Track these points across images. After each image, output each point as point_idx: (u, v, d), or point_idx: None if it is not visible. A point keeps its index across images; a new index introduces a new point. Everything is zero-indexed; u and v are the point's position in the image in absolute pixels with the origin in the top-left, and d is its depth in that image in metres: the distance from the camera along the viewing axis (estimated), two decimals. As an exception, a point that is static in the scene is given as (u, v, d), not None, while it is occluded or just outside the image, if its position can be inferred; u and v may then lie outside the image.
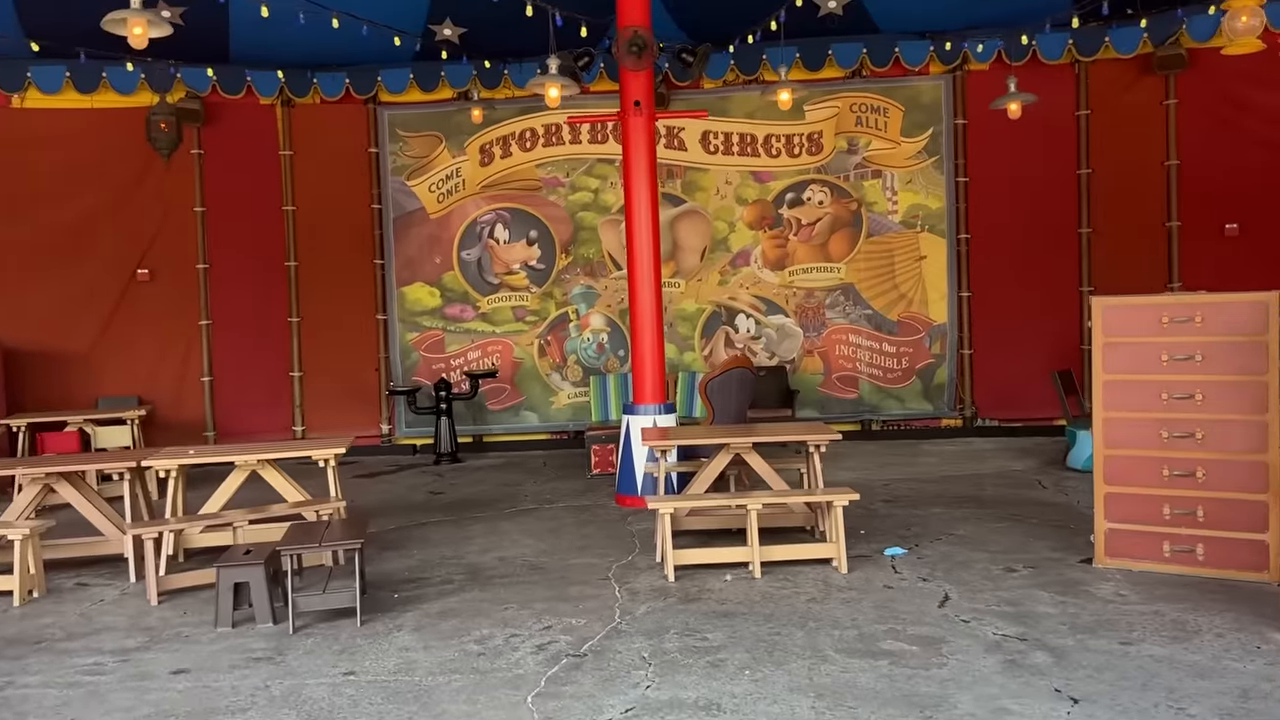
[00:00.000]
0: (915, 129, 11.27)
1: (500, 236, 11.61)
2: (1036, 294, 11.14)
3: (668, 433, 7.04)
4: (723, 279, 11.48)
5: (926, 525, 7.25)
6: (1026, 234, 11.13)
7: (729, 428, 7.33)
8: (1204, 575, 5.68)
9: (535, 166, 11.55)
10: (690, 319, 11.51)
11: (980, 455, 10.19)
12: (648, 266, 8.27)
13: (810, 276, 11.42)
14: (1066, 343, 11.13)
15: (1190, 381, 5.70)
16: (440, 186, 11.60)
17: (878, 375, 11.39)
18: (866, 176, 11.36)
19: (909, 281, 11.35)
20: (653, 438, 6.75)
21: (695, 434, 6.90)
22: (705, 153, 11.41)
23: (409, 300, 11.68)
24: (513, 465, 10.70)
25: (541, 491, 9.13)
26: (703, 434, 6.84)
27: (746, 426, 7.65)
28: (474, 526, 7.82)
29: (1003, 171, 11.12)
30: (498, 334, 11.64)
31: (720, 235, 11.47)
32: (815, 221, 11.40)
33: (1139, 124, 10.81)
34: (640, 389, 8.34)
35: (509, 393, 11.62)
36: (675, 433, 6.99)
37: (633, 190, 8.28)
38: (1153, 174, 10.80)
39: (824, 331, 11.42)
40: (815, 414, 11.36)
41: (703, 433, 6.90)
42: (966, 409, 11.33)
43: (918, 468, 9.64)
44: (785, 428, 6.92)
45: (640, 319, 8.32)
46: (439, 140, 11.59)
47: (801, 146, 11.36)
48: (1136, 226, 10.86)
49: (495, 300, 11.63)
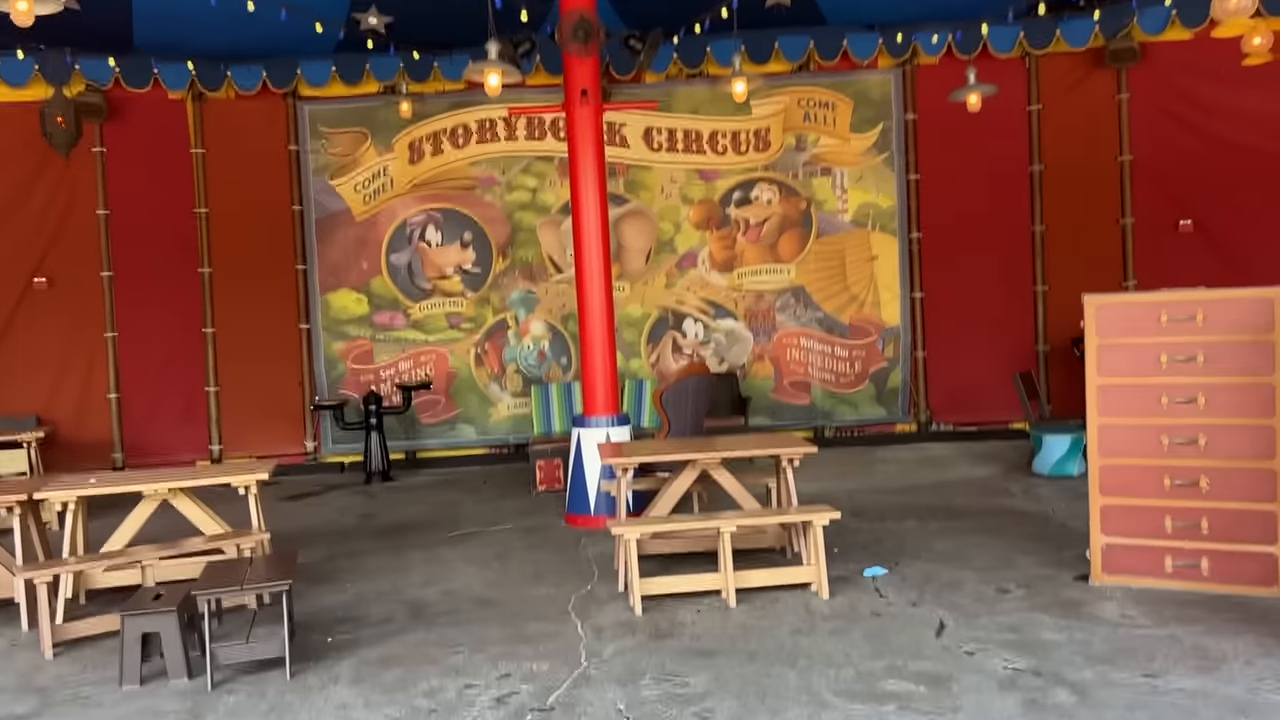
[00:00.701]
0: (865, 125, 10.90)
1: (432, 239, 10.93)
2: (990, 294, 10.85)
3: (624, 449, 6.47)
4: (669, 282, 10.97)
5: (901, 541, 6.80)
6: (979, 232, 10.83)
7: (690, 441, 6.80)
8: (1210, 592, 5.31)
9: (469, 164, 10.90)
10: (636, 324, 10.96)
11: (940, 462, 9.83)
12: (598, 268, 7.71)
13: (759, 278, 10.97)
14: (1021, 343, 10.86)
15: (1191, 384, 5.33)
16: (366, 186, 10.88)
17: (830, 380, 10.98)
18: (815, 174, 10.96)
19: (860, 283, 10.97)
20: (610, 455, 6.19)
21: (657, 449, 6.35)
22: (649, 150, 10.88)
23: (334, 308, 10.92)
24: (450, 483, 10.03)
25: (484, 512, 8.49)
26: (666, 449, 6.30)
27: (707, 439, 7.13)
28: (413, 554, 7.15)
29: (954, 168, 10.82)
30: (431, 343, 10.95)
31: (666, 236, 10.96)
32: (764, 221, 10.96)
33: (1091, 119, 10.59)
34: (591, 400, 7.77)
35: (444, 405, 10.94)
36: (635, 449, 6.43)
37: (580, 186, 7.70)
38: (1106, 170, 10.59)
39: (774, 335, 10.98)
40: (767, 421, 10.91)
41: (666, 448, 6.36)
42: (921, 414, 10.98)
43: (878, 477, 9.23)
44: (754, 440, 6.43)
45: (590, 325, 7.75)
46: (364, 137, 10.87)
47: (748, 143, 10.90)
48: (1090, 223, 10.63)
49: (428, 307, 10.94)
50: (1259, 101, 9.94)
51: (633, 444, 6.85)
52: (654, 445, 6.54)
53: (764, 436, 6.71)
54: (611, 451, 6.32)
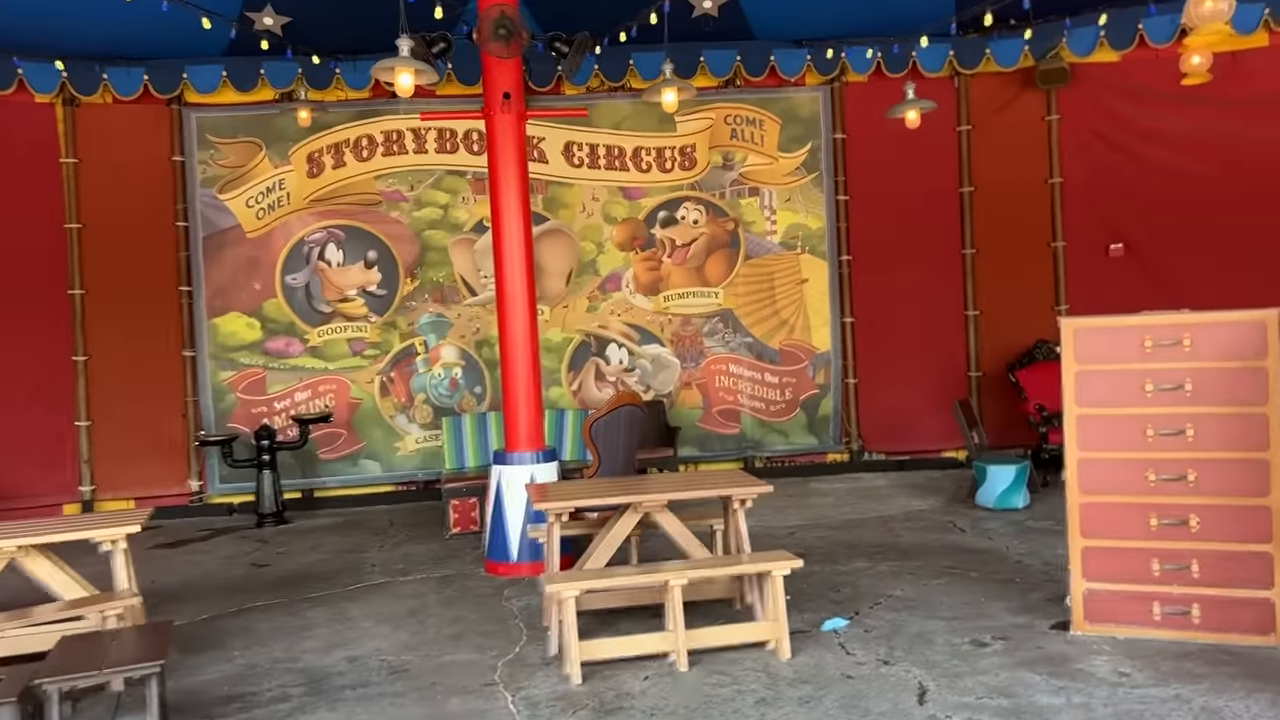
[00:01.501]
0: (793, 143, 10.48)
1: (333, 258, 10.08)
2: (920, 318, 10.51)
3: (554, 491, 5.78)
4: (591, 305, 10.32)
5: (856, 585, 6.25)
6: (909, 255, 10.49)
7: (628, 481, 6.15)
8: (1203, 641, 4.87)
9: (374, 178, 10.10)
10: (556, 350, 10.28)
11: (877, 494, 9.37)
12: (520, 289, 7.02)
13: (686, 302, 10.42)
14: (953, 370, 10.53)
15: (1179, 414, 4.92)
16: (260, 201, 9.98)
17: (760, 408, 10.46)
18: (743, 194, 10.48)
19: (790, 307, 10.51)
20: (541, 499, 5.49)
21: (593, 491, 5.68)
22: (569, 166, 10.25)
23: (222, 333, 9.96)
24: (352, 524, 9.15)
25: (392, 559, 7.67)
26: (603, 491, 5.63)
27: (644, 479, 6.49)
28: (312, 612, 6.31)
29: (884, 189, 10.46)
30: (331, 371, 10.07)
31: (588, 257, 10.32)
32: (690, 242, 10.42)
33: (1021, 140, 10.36)
34: (513, 434, 7.05)
35: (346, 438, 10.05)
36: (567, 491, 5.74)
37: (501, 199, 7.02)
38: (1036, 192, 10.36)
39: (702, 362, 10.43)
40: (696, 452, 10.32)
41: (602, 489, 5.69)
42: (853, 442, 10.54)
43: (816, 510, 8.71)
44: (700, 479, 5.81)
45: (513, 351, 7.04)
46: (258, 148, 9.98)
47: (674, 161, 10.37)
48: (1021, 247, 10.38)
49: (327, 332, 10.07)
50: (1189, 124, 9.83)
51: (563, 485, 6.16)
52: (588, 486, 5.86)
53: (710, 474, 6.11)
54: (541, 494, 5.62)
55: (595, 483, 5.97)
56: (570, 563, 6.82)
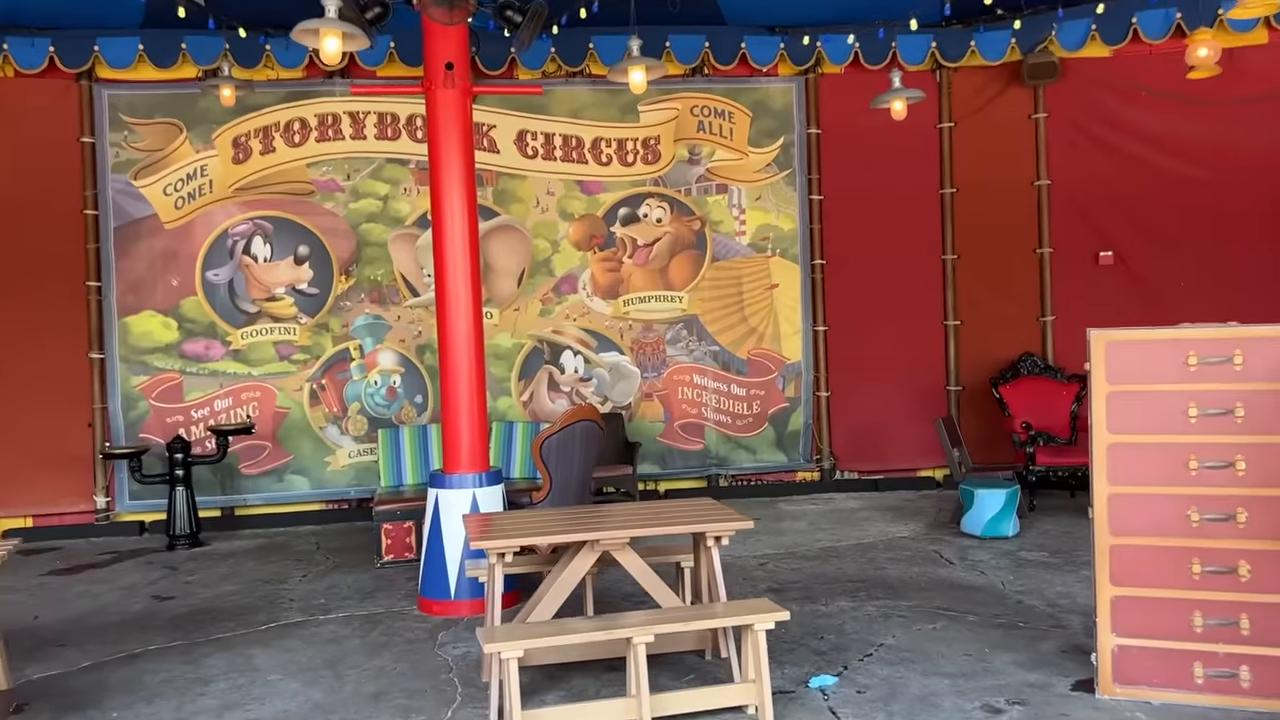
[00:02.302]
0: (764, 138, 9.75)
1: (259, 253, 9.15)
2: (897, 328, 9.82)
3: (497, 525, 4.96)
4: (545, 308, 9.50)
5: (841, 630, 5.50)
6: (886, 260, 9.79)
7: (582, 514, 5.34)
8: (1254, 709, 4.18)
9: (306, 166, 9.19)
10: (506, 357, 9.44)
11: (852, 517, 8.65)
12: (463, 288, 6.19)
13: (648, 306, 9.63)
14: (931, 382, 9.85)
15: (1228, 444, 4.22)
16: (180, 188, 9.03)
17: (726, 422, 9.70)
18: (710, 191, 9.72)
19: (759, 313, 9.76)
20: (480, 534, 4.66)
21: (542, 525, 4.86)
22: (522, 156, 9.42)
23: (135, 334, 9.00)
24: (274, 548, 8.24)
25: (314, 592, 6.78)
26: (553, 524, 4.81)
27: (602, 509, 5.69)
28: (214, 659, 5.42)
29: (860, 189, 9.76)
30: (255, 377, 9.13)
31: (541, 256, 9.50)
32: (653, 242, 9.64)
33: (1006, 139, 9.72)
34: (453, 452, 6.21)
35: (271, 451, 9.12)
36: (513, 524, 4.92)
37: (442, 187, 6.18)
38: (1022, 195, 9.72)
39: (665, 371, 9.64)
40: (657, 469, 9.54)
41: (552, 522, 4.87)
42: (825, 460, 9.82)
43: (789, 536, 7.96)
44: (669, 511, 5.02)
45: (454, 358, 6.21)
46: (178, 130, 9.04)
47: (636, 153, 9.58)
48: (1005, 253, 9.74)
49: (252, 334, 9.14)
50: (1183, 124, 9.26)
51: (507, 517, 5.33)
52: (537, 519, 5.05)
53: (679, 505, 5.31)
54: (481, 529, 4.79)
55: (545, 514, 5.16)
56: (517, 599, 6.00)
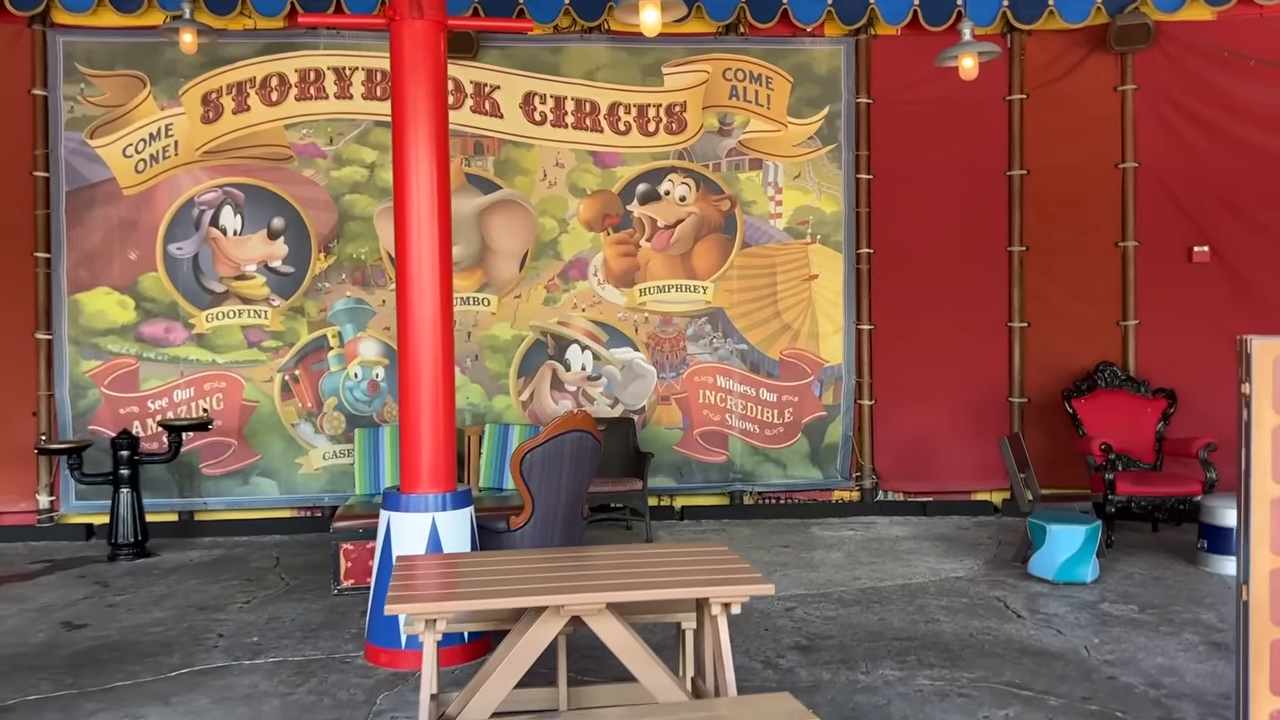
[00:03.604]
0: (806, 107, 8.52)
1: (229, 225, 8.10)
2: (954, 329, 8.57)
3: (417, 579, 3.80)
4: (550, 296, 8.36)
5: (886, 715, 4.30)
6: (943, 251, 8.56)
7: (558, 560, 4.19)
8: None
9: (284, 128, 8.12)
10: (504, 350, 8.31)
11: (897, 548, 7.43)
12: (429, 268, 5.05)
13: (668, 297, 8.45)
14: (990, 393, 8.59)
15: None
16: (141, 150, 8.00)
17: (753, 432, 8.50)
18: (743, 167, 8.52)
19: (795, 308, 8.55)
20: (400, 590, 3.52)
21: (492, 578, 3.71)
22: (528, 122, 8.28)
23: (88, 313, 7.98)
24: (229, 563, 7.18)
25: (251, 625, 5.69)
26: (508, 576, 3.66)
27: (575, 554, 4.53)
28: (99, 718, 4.33)
29: (915, 168, 8.53)
30: (220, 365, 8.09)
31: (547, 236, 8.36)
32: (675, 224, 8.46)
33: (1087, 114, 8.42)
34: (412, 466, 5.08)
35: (236, 450, 8.07)
36: (449, 577, 3.77)
37: (407, 142, 5.05)
38: (1103, 179, 8.42)
39: (684, 372, 8.46)
40: (670, 483, 8.38)
41: (510, 577, 3.72)
42: (865, 478, 8.59)
43: (822, 570, 6.77)
44: (668, 560, 3.84)
45: (415, 352, 5.08)
46: (141, 84, 8.00)
47: (658, 121, 8.40)
48: (1082, 245, 8.45)
49: (218, 316, 8.09)
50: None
51: (447, 565, 4.18)
52: (488, 568, 3.89)
53: (683, 554, 4.15)
54: (404, 584, 3.64)
55: (503, 561, 4.00)
56: (485, 648, 4.87)
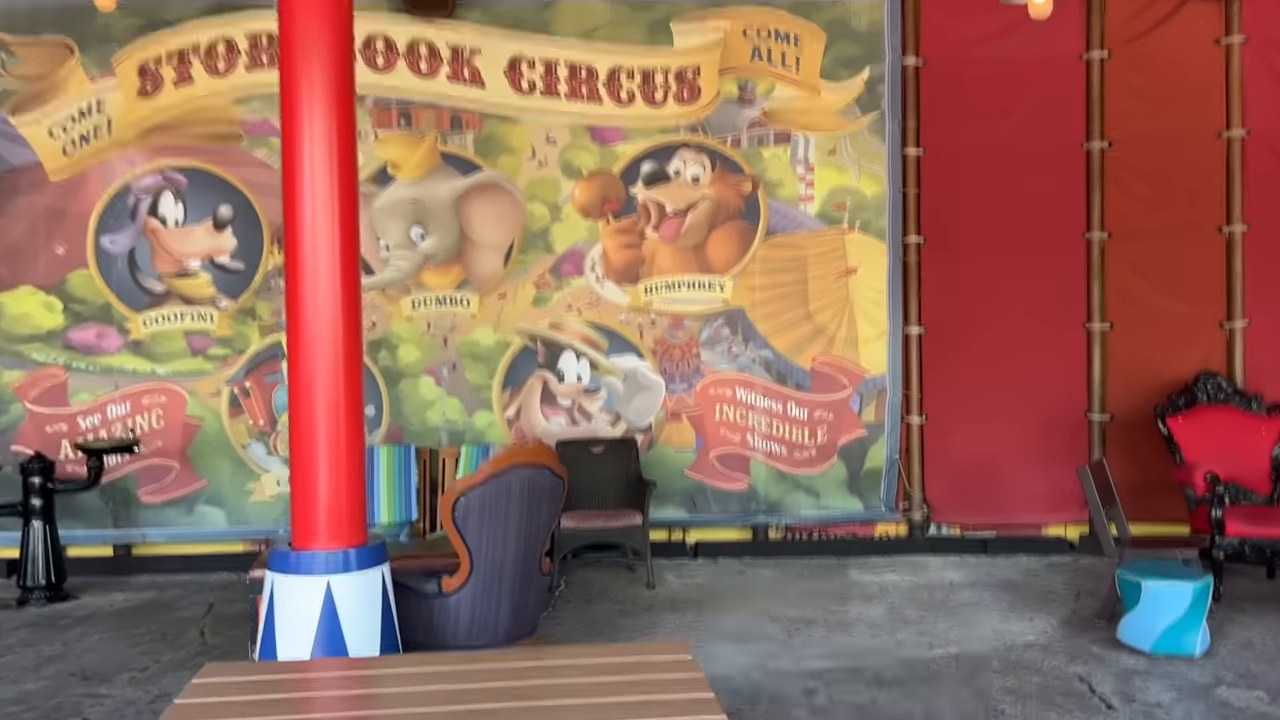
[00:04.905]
0: (843, 70, 7.22)
1: (169, 214, 7.04)
2: (1020, 332, 7.23)
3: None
4: (540, 295, 7.17)
5: None
6: (1007, 239, 7.23)
7: (471, 666, 2.97)
8: None
9: (233, 102, 7.03)
10: (486, 359, 7.14)
11: (951, 599, 6.10)
12: (326, 253, 3.88)
13: (678, 296, 7.21)
14: (1065, 409, 7.22)
15: None
16: (70, 129, 6.97)
17: (780, 454, 7.22)
18: (767, 142, 7.25)
19: (829, 309, 7.25)
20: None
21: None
22: (514, 91, 7.10)
23: (9, 316, 6.97)
24: (153, 610, 6.10)
25: (130, 705, 4.56)
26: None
27: (534, 650, 3.31)
28: None
29: (973, 141, 7.22)
30: (160, 376, 7.02)
31: (537, 225, 7.16)
32: (687, 209, 7.22)
33: (1182, 73, 7.05)
34: (305, 515, 3.91)
35: (178, 474, 7.00)
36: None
37: (297, 93, 3.88)
38: (1203, 151, 7.02)
39: (698, 383, 7.21)
40: (682, 515, 7.14)
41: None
42: (914, 510, 7.26)
43: (856, 633, 5.47)
44: (627, 698, 2.62)
45: (306, 365, 3.91)
46: (68, 52, 6.97)
47: (667, 89, 7.16)
48: (1176, 231, 7.06)
49: (157, 320, 7.03)
50: None
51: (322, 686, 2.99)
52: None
53: (612, 671, 2.91)
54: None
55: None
56: None
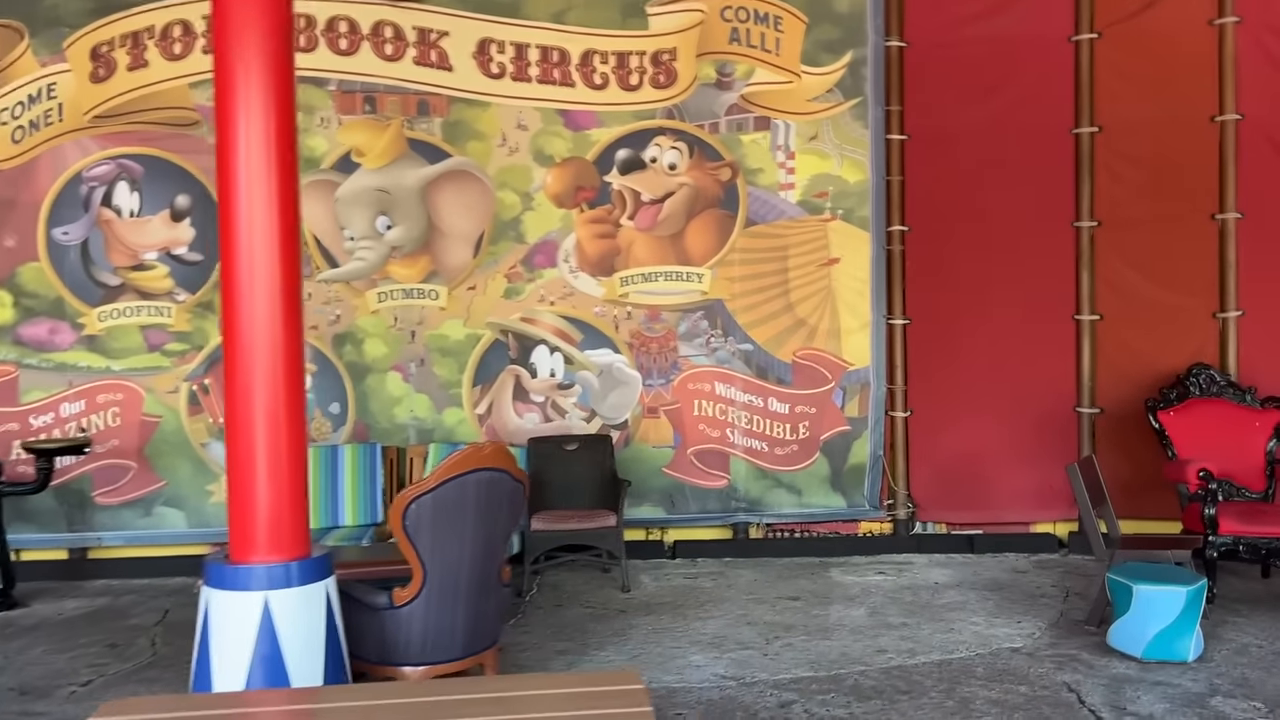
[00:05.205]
0: (824, 53, 6.98)
1: (124, 204, 6.77)
2: (1008, 323, 7.03)
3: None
4: (512, 287, 6.92)
5: None
6: (995, 227, 7.02)
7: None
8: None
9: (189, 86, 6.75)
10: (456, 353, 6.90)
11: (936, 601, 5.89)
12: (263, 247, 3.63)
13: (655, 287, 6.97)
14: (1054, 402, 7.01)
15: None
16: (19, 115, 6.69)
17: (761, 450, 6.99)
18: (747, 127, 7.00)
19: (811, 300, 7.02)
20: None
21: None
22: (483, 75, 6.83)
23: (-42, 311, 6.73)
24: (104, 617, 5.85)
25: (75, 718, 4.33)
26: None
27: (479, 681, 3.08)
28: None
29: (959, 127, 7.00)
30: (116, 372, 6.76)
31: (508, 214, 6.91)
32: (664, 198, 6.97)
33: (1175, 55, 6.81)
34: (243, 526, 3.66)
35: (136, 475, 6.75)
36: None
37: (232, 73, 3.62)
38: (1196, 136, 6.79)
39: (676, 378, 6.98)
40: (659, 514, 6.91)
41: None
42: (899, 507, 7.05)
43: (837, 638, 5.25)
44: None
45: (243, 363, 3.66)
46: (18, 35, 6.69)
47: (642, 73, 6.91)
48: (1169, 219, 6.84)
49: (113, 315, 6.76)
50: None
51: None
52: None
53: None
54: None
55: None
56: None
